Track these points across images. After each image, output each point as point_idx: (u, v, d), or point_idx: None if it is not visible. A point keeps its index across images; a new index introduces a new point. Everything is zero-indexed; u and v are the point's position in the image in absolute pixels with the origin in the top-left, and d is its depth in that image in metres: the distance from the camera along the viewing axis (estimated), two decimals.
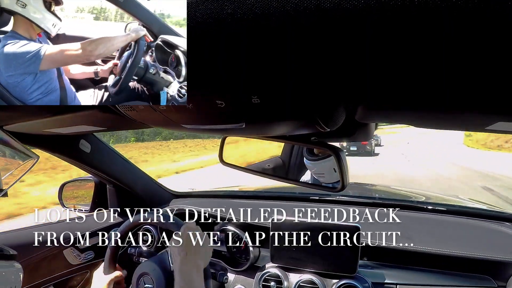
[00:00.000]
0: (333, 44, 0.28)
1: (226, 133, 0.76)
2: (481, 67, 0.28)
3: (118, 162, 1.30)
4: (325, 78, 0.37)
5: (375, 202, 1.31)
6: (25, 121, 0.75)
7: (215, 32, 0.29)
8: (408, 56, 0.28)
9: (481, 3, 0.21)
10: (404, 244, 1.05)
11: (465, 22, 0.22)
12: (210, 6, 0.28)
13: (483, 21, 0.21)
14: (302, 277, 1.06)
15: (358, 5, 0.23)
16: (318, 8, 0.24)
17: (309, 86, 0.40)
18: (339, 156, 0.70)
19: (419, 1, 0.22)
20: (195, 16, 0.29)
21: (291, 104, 0.45)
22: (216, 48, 0.32)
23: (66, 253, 1.18)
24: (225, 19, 0.28)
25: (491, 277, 0.99)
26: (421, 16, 0.22)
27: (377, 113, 0.52)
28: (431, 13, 0.22)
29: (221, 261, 1.25)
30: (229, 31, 0.28)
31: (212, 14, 0.28)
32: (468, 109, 0.39)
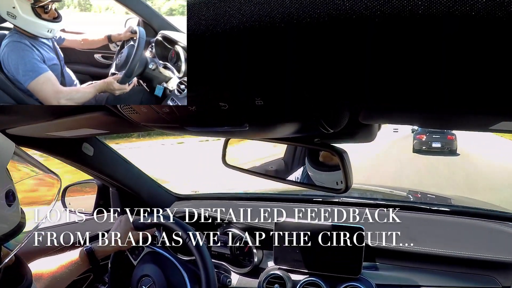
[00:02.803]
0: (336, 46, 0.28)
1: (229, 136, 0.76)
2: (484, 68, 0.28)
3: (120, 165, 1.30)
4: (328, 80, 0.36)
5: (379, 203, 1.31)
6: (28, 124, 0.76)
7: (217, 33, 0.29)
8: (410, 57, 0.28)
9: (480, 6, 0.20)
10: (409, 245, 1.05)
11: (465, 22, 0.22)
12: (211, 8, 0.28)
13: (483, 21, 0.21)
14: (306, 279, 1.06)
15: (360, 8, 0.23)
16: (321, 10, 0.24)
17: (312, 87, 0.40)
18: (342, 157, 0.70)
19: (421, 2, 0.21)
20: (196, 17, 0.29)
21: (294, 106, 0.45)
22: (218, 50, 0.32)
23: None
24: (228, 20, 0.28)
25: (495, 277, 0.98)
26: (423, 18, 0.22)
27: (380, 114, 0.52)
28: (433, 15, 0.22)
29: (225, 263, 1.25)
30: (232, 33, 0.28)
31: (213, 16, 0.28)
32: (471, 109, 0.39)
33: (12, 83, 0.49)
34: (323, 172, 0.86)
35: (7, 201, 0.45)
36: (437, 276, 1.02)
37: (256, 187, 2.01)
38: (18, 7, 0.47)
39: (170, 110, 0.52)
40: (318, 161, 0.88)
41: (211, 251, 1.25)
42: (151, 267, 0.96)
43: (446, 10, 0.21)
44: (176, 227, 0.93)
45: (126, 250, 1.02)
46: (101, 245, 0.93)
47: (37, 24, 0.49)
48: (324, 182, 0.87)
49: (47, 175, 0.53)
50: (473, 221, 1.18)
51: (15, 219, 0.47)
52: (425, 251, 1.03)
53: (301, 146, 0.88)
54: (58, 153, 1.06)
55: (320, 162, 0.88)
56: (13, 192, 0.46)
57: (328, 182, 0.83)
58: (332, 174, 0.81)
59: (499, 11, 0.20)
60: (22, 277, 0.56)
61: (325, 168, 0.85)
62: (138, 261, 1.01)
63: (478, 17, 0.20)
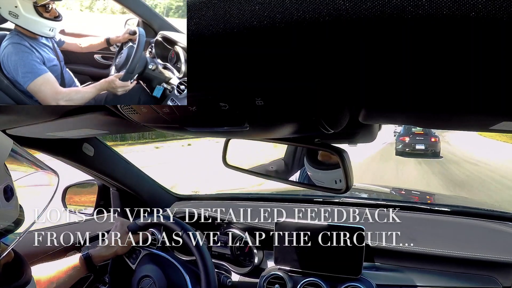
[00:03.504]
0: (337, 46, 0.28)
1: (230, 136, 0.77)
2: (484, 68, 0.28)
3: (121, 165, 1.30)
4: (329, 80, 0.36)
5: (379, 204, 1.31)
6: (28, 124, 0.76)
7: (217, 33, 0.29)
8: (411, 58, 0.28)
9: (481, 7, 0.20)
10: (409, 245, 1.05)
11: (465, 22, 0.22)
12: (211, 8, 0.28)
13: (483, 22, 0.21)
14: (306, 280, 1.06)
15: (361, 9, 0.23)
16: (321, 10, 0.24)
17: (313, 87, 0.40)
18: (343, 157, 0.70)
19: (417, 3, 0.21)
20: (196, 17, 0.29)
21: (294, 106, 0.45)
22: (218, 50, 0.32)
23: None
24: (228, 20, 0.28)
25: (495, 277, 0.98)
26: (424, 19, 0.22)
27: (380, 114, 0.52)
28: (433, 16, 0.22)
29: (225, 263, 1.25)
30: (232, 33, 0.28)
31: (213, 16, 0.28)
32: (472, 110, 0.39)
33: (12, 84, 0.49)
34: (321, 171, 0.86)
35: (5, 196, 0.46)
36: (437, 276, 1.02)
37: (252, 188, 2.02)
38: (21, 6, 0.47)
39: (170, 110, 0.52)
40: (317, 159, 0.89)
41: (211, 251, 1.25)
42: (151, 267, 0.96)
43: (446, 10, 0.21)
44: (176, 227, 0.93)
45: (124, 255, 1.03)
46: (98, 250, 0.94)
47: (39, 23, 0.49)
48: (323, 180, 0.88)
49: (46, 172, 0.53)
50: (473, 221, 1.18)
51: (13, 214, 0.47)
52: (425, 251, 1.03)
53: (301, 146, 0.88)
54: (58, 153, 1.06)
55: (318, 160, 0.88)
56: (11, 187, 0.47)
57: (327, 180, 0.84)
58: (330, 172, 0.81)
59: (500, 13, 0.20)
60: (21, 273, 0.56)
61: (323, 167, 0.86)
62: (137, 264, 1.01)
63: (479, 17, 0.20)
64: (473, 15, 0.20)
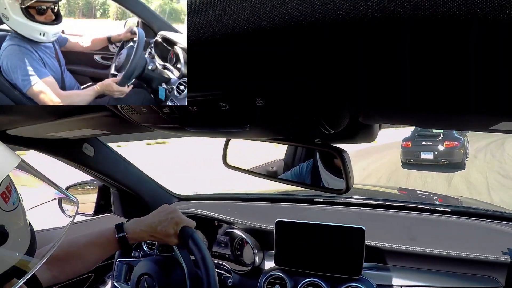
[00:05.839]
0: (337, 46, 0.28)
1: (230, 136, 0.76)
2: (484, 68, 0.28)
3: (121, 165, 1.30)
4: (329, 80, 0.36)
5: (379, 204, 1.31)
6: (29, 125, 0.76)
7: (217, 33, 0.29)
8: (410, 58, 0.28)
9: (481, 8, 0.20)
10: (409, 246, 1.04)
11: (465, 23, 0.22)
12: (211, 8, 0.28)
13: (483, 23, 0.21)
14: (306, 280, 1.06)
15: (361, 9, 0.23)
16: (321, 11, 0.24)
17: (313, 87, 0.40)
18: (343, 157, 0.70)
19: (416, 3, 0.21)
20: (196, 17, 0.29)
21: (295, 106, 0.45)
22: (218, 50, 0.32)
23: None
24: (227, 20, 0.28)
25: (495, 277, 0.98)
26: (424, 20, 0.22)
27: (381, 114, 0.52)
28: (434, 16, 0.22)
29: (225, 263, 1.25)
30: (232, 33, 0.28)
31: (213, 16, 0.28)
32: (472, 110, 0.39)
33: (12, 86, 0.48)
34: (340, 179, 0.84)
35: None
36: (437, 276, 1.02)
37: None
38: (9, 8, 0.45)
39: (170, 111, 0.52)
40: (334, 166, 0.86)
41: (212, 252, 1.26)
42: (151, 266, 0.95)
43: (447, 11, 0.21)
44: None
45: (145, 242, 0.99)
46: (134, 229, 0.89)
47: (28, 26, 0.47)
48: (338, 187, 0.86)
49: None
50: (473, 221, 1.17)
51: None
52: (425, 251, 1.03)
53: (301, 146, 0.88)
54: (58, 153, 1.06)
55: (335, 169, 0.86)
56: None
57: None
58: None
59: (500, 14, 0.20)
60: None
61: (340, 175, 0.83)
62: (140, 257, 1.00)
63: (478, 17, 0.20)
64: (473, 15, 0.20)
